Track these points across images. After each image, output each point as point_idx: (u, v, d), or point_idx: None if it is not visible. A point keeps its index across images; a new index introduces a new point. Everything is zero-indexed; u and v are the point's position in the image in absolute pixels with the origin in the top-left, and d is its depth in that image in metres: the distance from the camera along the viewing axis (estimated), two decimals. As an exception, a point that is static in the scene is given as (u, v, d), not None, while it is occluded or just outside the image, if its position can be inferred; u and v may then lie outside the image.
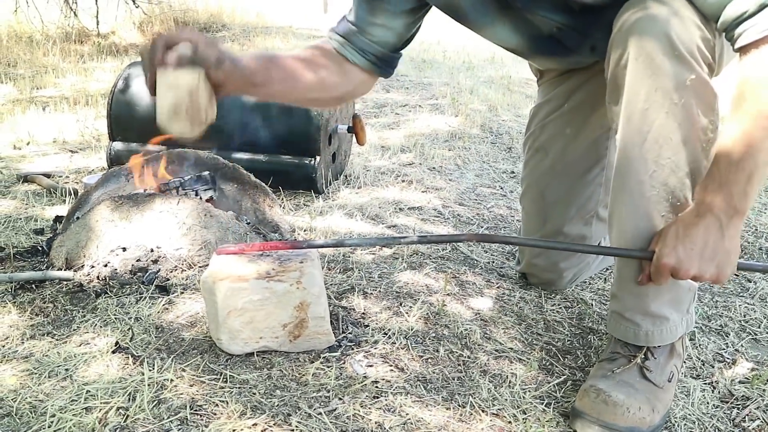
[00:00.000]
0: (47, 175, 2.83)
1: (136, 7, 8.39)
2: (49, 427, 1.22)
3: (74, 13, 8.14)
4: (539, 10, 1.47)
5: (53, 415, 1.25)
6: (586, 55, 1.58)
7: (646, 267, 1.34)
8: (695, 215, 1.26)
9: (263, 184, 2.15)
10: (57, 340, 1.53)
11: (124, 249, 1.84)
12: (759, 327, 1.83)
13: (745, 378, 1.59)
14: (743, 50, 1.22)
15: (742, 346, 1.73)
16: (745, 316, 1.88)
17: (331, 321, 1.51)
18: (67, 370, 1.41)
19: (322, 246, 1.52)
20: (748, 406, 1.49)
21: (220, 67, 1.34)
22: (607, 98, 1.40)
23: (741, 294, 2.02)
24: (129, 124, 2.69)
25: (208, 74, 1.32)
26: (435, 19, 1.66)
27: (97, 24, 8.14)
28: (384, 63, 1.63)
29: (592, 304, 1.89)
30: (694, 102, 1.26)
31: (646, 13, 1.26)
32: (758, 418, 1.45)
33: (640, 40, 1.26)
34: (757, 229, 2.56)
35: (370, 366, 1.47)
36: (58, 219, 2.29)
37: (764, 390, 1.55)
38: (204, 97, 1.31)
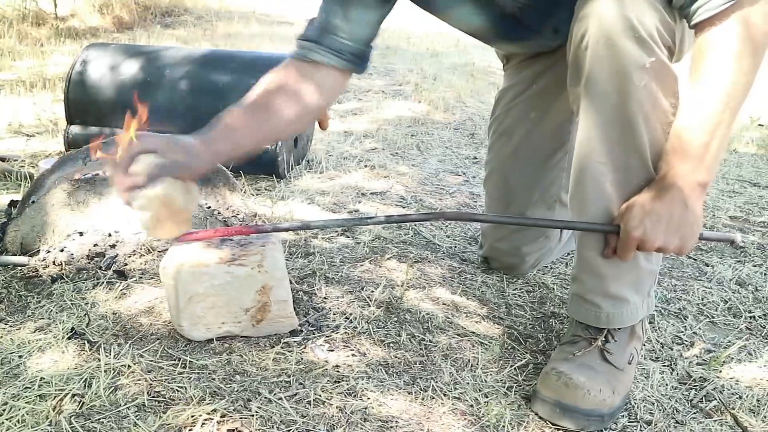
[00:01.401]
0: (2, 159, 2.77)
1: (96, -10, 8.24)
2: (0, 415, 1.19)
3: (31, -5, 7.98)
4: None
5: (5, 403, 1.22)
6: (548, 38, 1.58)
7: (612, 241, 1.35)
8: (659, 189, 1.28)
9: (224, 169, 2.12)
10: (10, 326, 1.50)
11: (81, 234, 1.80)
12: (716, 310, 1.86)
13: (703, 360, 1.61)
14: (699, 27, 1.24)
15: (699, 329, 1.76)
16: (702, 299, 1.91)
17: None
18: (20, 357, 1.37)
19: (287, 229, 1.51)
20: (705, 387, 1.50)
21: (186, 170, 1.36)
22: (569, 80, 1.40)
23: (699, 278, 2.05)
24: (87, 107, 2.63)
25: (179, 176, 1.34)
26: (399, 6, 1.64)
27: (55, 6, 7.98)
28: (358, 59, 1.60)
29: (553, 289, 1.89)
30: (654, 84, 1.27)
31: None
32: (714, 399, 1.47)
33: (601, 22, 1.26)
34: (714, 214, 2.59)
35: (332, 351, 1.45)
36: (12, 204, 2.23)
37: (721, 371, 1.57)
38: (179, 202, 1.34)
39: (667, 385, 1.50)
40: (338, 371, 1.38)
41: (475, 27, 1.61)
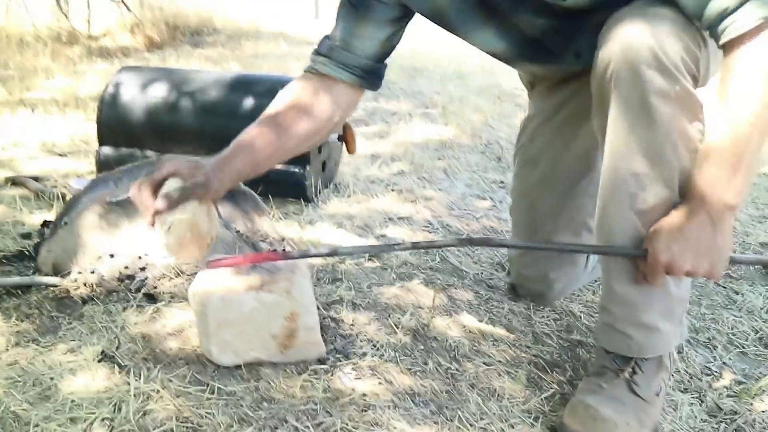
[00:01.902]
0: (35, 179, 2.82)
1: (129, 11, 8.37)
2: (32, 437, 1.21)
3: (65, 15, 8.12)
4: (523, 13, 1.48)
5: (37, 425, 1.24)
6: (571, 62, 1.59)
7: (641, 266, 1.34)
8: (687, 212, 1.27)
9: (252, 193, 2.14)
10: (42, 347, 1.52)
11: (112, 256, 1.82)
12: (746, 340, 1.84)
13: (733, 392, 1.60)
14: (727, 46, 1.23)
15: (729, 359, 1.74)
16: (732, 328, 1.89)
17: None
18: (52, 379, 1.39)
19: (314, 255, 1.53)
20: (736, 420, 1.49)
21: (208, 191, 1.39)
22: (593, 111, 1.41)
23: (728, 306, 2.03)
24: (118, 129, 2.67)
25: (201, 198, 1.38)
26: (425, 26, 1.66)
27: (89, 26, 8.12)
28: (371, 75, 1.63)
29: (580, 317, 1.89)
30: (680, 112, 1.27)
31: (631, 26, 1.27)
32: (745, 433, 1.45)
33: (624, 53, 1.27)
34: (744, 241, 2.57)
35: (359, 379, 1.46)
36: (45, 224, 2.27)
37: (752, 404, 1.55)
38: (203, 224, 1.38)
39: (696, 417, 1.49)
40: (365, 399, 1.39)
41: (497, 49, 1.63)
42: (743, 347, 1.81)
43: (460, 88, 5.26)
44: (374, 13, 1.57)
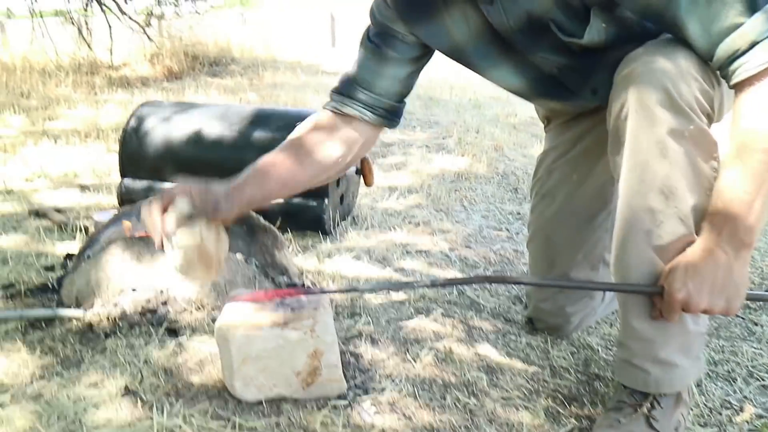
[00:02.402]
0: (58, 210, 2.86)
1: (150, 41, 8.49)
2: (58, 472, 1.23)
3: (88, 45, 8.25)
4: (540, 51, 1.50)
5: (63, 460, 1.26)
6: (588, 98, 1.61)
7: (657, 303, 1.35)
8: (703, 249, 1.28)
9: (272, 226, 2.17)
10: (66, 381, 1.55)
11: (134, 290, 1.85)
12: (767, 372, 1.83)
13: (754, 426, 1.59)
14: (738, 87, 1.25)
15: (750, 392, 1.73)
16: (752, 361, 1.88)
17: (339, 367, 1.52)
18: (76, 413, 1.42)
19: (335, 291, 1.54)
20: (755, 456, 1.49)
21: (218, 213, 1.42)
22: (609, 149, 1.43)
23: (748, 338, 2.02)
24: (139, 162, 2.72)
25: (210, 220, 1.40)
26: (442, 56, 1.68)
27: (111, 56, 8.23)
28: (391, 114, 1.66)
29: (598, 350, 1.89)
30: (695, 151, 1.29)
31: (645, 67, 1.29)
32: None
33: (640, 93, 1.29)
34: (762, 271, 2.56)
35: (378, 414, 1.47)
36: (68, 256, 2.31)
37: (772, 439, 1.55)
38: (211, 245, 1.40)
39: (715, 453, 1.49)
40: (384, 435, 1.40)
41: (515, 86, 1.65)
42: (763, 380, 1.80)
43: (477, 117, 5.30)
44: (394, 52, 1.60)
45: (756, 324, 2.11)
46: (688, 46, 1.29)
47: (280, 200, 1.58)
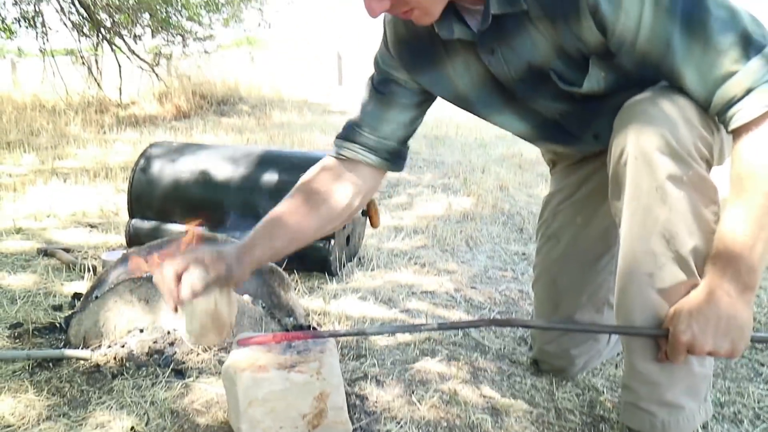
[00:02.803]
0: (67, 250, 2.89)
1: (159, 80, 8.59)
2: None
3: (98, 84, 8.35)
4: (541, 99, 1.53)
5: (69, 502, 1.27)
6: (590, 143, 1.63)
7: (662, 345, 1.36)
8: (706, 293, 1.30)
9: (278, 268, 2.18)
10: (73, 422, 1.55)
11: (142, 330, 1.87)
12: (773, 415, 1.83)
13: (761, 470, 1.59)
14: (736, 132, 1.28)
15: (756, 434, 1.73)
16: (759, 402, 1.88)
17: (344, 409, 1.53)
18: (83, 455, 1.42)
19: (343, 335, 1.55)
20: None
21: (230, 278, 1.45)
22: (610, 194, 1.45)
23: (754, 379, 2.02)
24: (148, 202, 2.76)
25: (222, 285, 1.43)
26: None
27: (120, 94, 8.32)
28: (396, 157, 1.69)
29: (603, 392, 1.89)
30: (694, 195, 1.31)
31: (644, 113, 1.32)
32: None
33: (639, 139, 1.31)
34: (768, 317, 2.56)
35: (383, 457, 1.48)
36: (76, 296, 2.33)
37: (778, 484, 1.54)
38: (224, 312, 1.44)
39: (721, 498, 1.48)
40: (389, 478, 1.40)
41: (519, 130, 1.68)
42: (769, 422, 1.80)
43: (482, 157, 5.34)
44: (397, 98, 1.64)
45: (762, 365, 2.11)
46: (686, 93, 1.32)
47: (289, 254, 1.61)
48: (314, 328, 2.07)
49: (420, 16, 1.35)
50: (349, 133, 1.67)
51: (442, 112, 1.64)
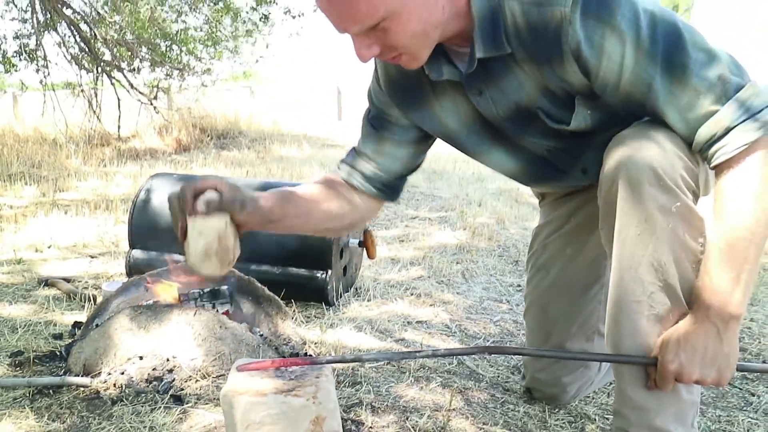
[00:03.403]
0: (67, 280, 2.92)
1: (157, 113, 8.65)
2: None
3: (98, 117, 8.41)
4: (529, 137, 1.57)
5: None
6: (578, 178, 1.68)
7: (652, 373, 1.40)
8: (693, 322, 1.34)
9: (276, 297, 2.22)
10: (73, 448, 1.58)
11: (141, 357, 1.90)
12: (762, 444, 1.85)
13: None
14: (717, 169, 1.33)
15: (744, 464, 1.75)
16: (748, 431, 1.90)
17: (339, 435, 1.55)
18: (82, 479, 1.45)
19: (340, 362, 1.58)
20: None
21: (243, 210, 1.46)
22: (600, 224, 1.50)
23: (744, 408, 2.04)
24: (148, 233, 2.79)
25: (233, 217, 1.44)
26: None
27: (119, 128, 8.38)
28: (390, 189, 1.73)
29: (595, 419, 1.91)
30: (682, 227, 1.35)
31: (633, 146, 1.36)
32: None
33: (628, 171, 1.36)
34: (760, 341, 2.59)
35: (376, 481, 1.50)
36: (77, 324, 2.36)
37: None
38: (231, 240, 1.43)
39: None
40: (382, 502, 1.43)
41: (508, 169, 1.72)
42: (759, 451, 1.82)
43: (479, 191, 5.38)
44: (390, 134, 1.69)
45: (753, 394, 2.13)
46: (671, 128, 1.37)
47: (287, 231, 1.64)
48: (310, 356, 2.10)
49: (408, 61, 1.40)
50: (350, 159, 1.73)
51: (440, 147, 1.68)
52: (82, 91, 8.60)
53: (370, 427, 1.73)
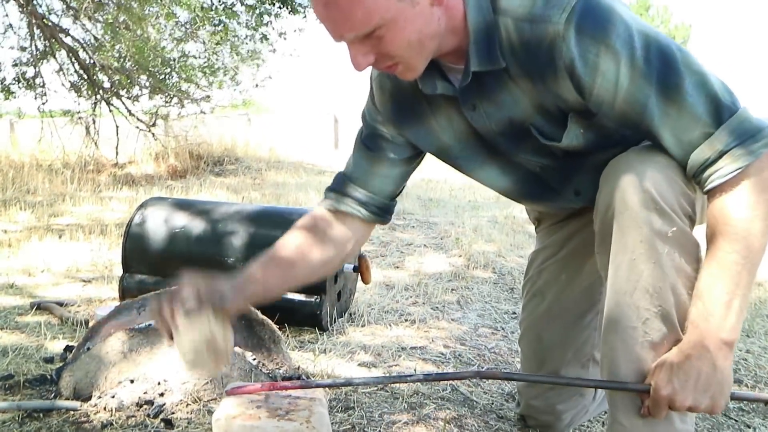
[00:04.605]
0: (60, 304, 2.91)
1: (156, 140, 8.67)
2: None
3: (95, 143, 8.43)
4: (522, 153, 1.57)
5: None
6: (571, 199, 1.67)
7: (645, 399, 1.38)
8: (686, 348, 1.33)
9: (269, 321, 2.21)
10: (61, 472, 1.56)
11: (132, 381, 1.88)
12: (758, 476, 1.84)
13: None
14: (710, 193, 1.33)
15: (742, 496, 1.73)
16: (744, 464, 1.89)
17: (331, 460, 1.53)
18: (70, 504, 1.43)
19: (330, 386, 1.57)
20: None
21: (224, 304, 1.46)
22: (596, 248, 1.49)
23: (740, 440, 2.03)
24: (143, 258, 2.78)
25: (216, 312, 1.44)
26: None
27: (117, 155, 8.40)
28: (383, 211, 1.72)
29: (590, 449, 1.90)
30: (677, 252, 1.35)
31: (630, 171, 1.36)
32: None
33: (624, 196, 1.36)
34: (756, 373, 2.58)
35: (368, 508, 1.48)
36: (68, 348, 2.34)
37: None
38: (219, 337, 1.43)
39: None
40: None
41: (501, 186, 1.72)
42: (755, 483, 1.80)
43: (474, 218, 5.38)
44: (385, 153, 1.68)
45: (749, 426, 2.11)
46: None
47: (281, 295, 1.64)
48: (303, 380, 2.08)
49: (404, 71, 1.40)
50: (339, 186, 1.71)
51: (436, 174, 1.68)
52: (80, 118, 8.63)
53: (363, 453, 1.71)
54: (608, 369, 1.45)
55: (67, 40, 8.15)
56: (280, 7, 9.33)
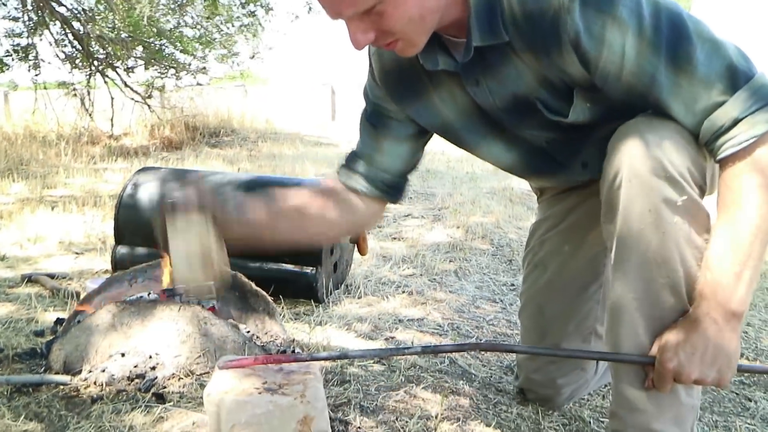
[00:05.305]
0: (51, 276, 2.86)
1: (151, 112, 8.61)
2: None
3: (90, 115, 8.37)
4: (527, 128, 1.53)
5: None
6: (578, 172, 1.63)
7: (649, 372, 1.35)
8: (694, 320, 1.29)
9: (264, 293, 2.17)
10: (49, 447, 1.53)
11: (123, 354, 1.84)
12: (760, 450, 1.81)
13: (746, 504, 1.57)
14: (723, 162, 1.29)
15: (743, 469, 1.71)
16: (745, 437, 1.87)
17: (327, 435, 1.50)
18: (58, 480, 1.39)
19: (325, 359, 1.54)
20: None
21: (224, 212, 1.46)
22: (602, 218, 1.44)
23: (741, 414, 2.00)
24: (135, 229, 2.73)
25: (214, 218, 1.43)
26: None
27: (112, 126, 8.34)
28: (393, 189, 1.68)
29: (590, 422, 1.87)
30: (687, 221, 1.30)
31: (638, 138, 1.32)
32: None
33: (633, 163, 1.31)
34: (757, 347, 2.55)
35: (364, 483, 1.45)
36: (58, 321, 2.30)
37: None
38: (213, 241, 1.41)
39: None
40: (370, 505, 1.38)
41: (506, 161, 1.67)
42: (757, 456, 1.78)
43: (473, 190, 5.35)
44: (389, 129, 1.64)
45: (750, 399, 2.09)
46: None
47: (280, 245, 1.61)
48: (297, 353, 2.04)
49: (404, 48, 1.35)
50: (349, 162, 1.69)
51: (434, 146, 1.64)
52: (75, 90, 8.55)
53: (359, 428, 1.67)
54: (612, 341, 1.42)
55: (61, 10, 8.04)
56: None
